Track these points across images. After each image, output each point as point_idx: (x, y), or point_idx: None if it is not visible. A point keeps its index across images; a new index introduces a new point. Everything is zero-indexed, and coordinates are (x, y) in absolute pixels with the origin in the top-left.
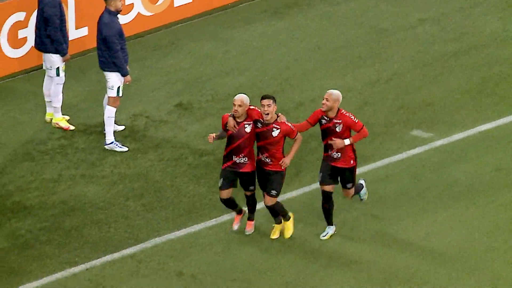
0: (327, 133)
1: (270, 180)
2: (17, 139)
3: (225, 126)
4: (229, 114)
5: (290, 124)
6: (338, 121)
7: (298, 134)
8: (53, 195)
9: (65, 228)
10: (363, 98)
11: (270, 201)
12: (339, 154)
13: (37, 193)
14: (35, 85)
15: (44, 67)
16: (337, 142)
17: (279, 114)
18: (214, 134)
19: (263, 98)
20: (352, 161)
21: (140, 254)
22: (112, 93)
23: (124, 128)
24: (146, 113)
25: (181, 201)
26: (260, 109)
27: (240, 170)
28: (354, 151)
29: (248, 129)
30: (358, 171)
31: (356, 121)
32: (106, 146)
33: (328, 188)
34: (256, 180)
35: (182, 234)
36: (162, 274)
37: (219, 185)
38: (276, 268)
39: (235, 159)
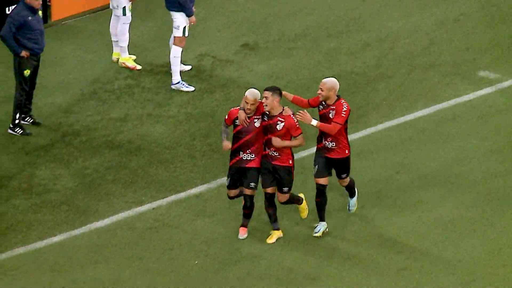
0: (322, 119)
1: (279, 176)
2: (84, 79)
3: (233, 121)
4: (238, 108)
5: (295, 119)
6: (333, 107)
7: (302, 136)
8: (120, 134)
9: (132, 168)
10: (430, 39)
11: (283, 198)
12: (334, 143)
13: (104, 133)
14: (102, 24)
15: (110, 7)
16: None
17: (285, 107)
18: (227, 142)
19: (264, 90)
20: (346, 151)
21: (206, 194)
22: (178, 33)
23: (191, 68)
24: (212, 53)
25: None
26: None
27: (246, 166)
28: (347, 139)
29: (257, 123)
30: (429, 110)
31: (343, 115)
32: (172, 86)
33: (322, 181)
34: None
35: None
36: (227, 213)
37: (227, 183)
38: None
39: (242, 155)
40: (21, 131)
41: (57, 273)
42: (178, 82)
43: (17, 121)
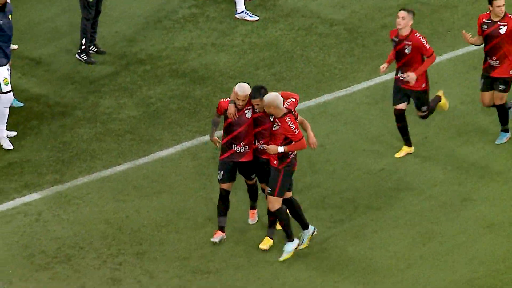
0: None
1: (269, 172)
2: (148, 8)
3: (224, 112)
4: (227, 100)
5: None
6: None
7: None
8: (184, 63)
9: (195, 97)
10: None
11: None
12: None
13: (168, 62)
14: None
15: None
16: (270, 148)
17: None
18: (215, 137)
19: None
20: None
21: None
22: None
23: None
24: None
25: (311, 70)
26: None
27: (240, 160)
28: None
29: (248, 114)
30: None
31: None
32: (236, 15)
33: (400, 106)
34: None
35: (312, 104)
36: None
37: (219, 177)
38: None
39: (235, 148)
40: (86, 58)
41: (121, 202)
42: (242, 11)
43: (83, 47)
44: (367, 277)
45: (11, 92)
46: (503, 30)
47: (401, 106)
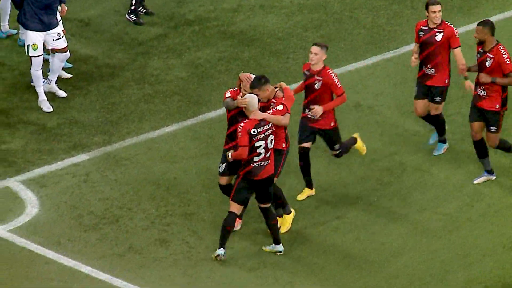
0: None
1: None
2: None
3: (231, 119)
4: (233, 90)
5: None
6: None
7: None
8: (232, 25)
9: (244, 59)
10: None
11: None
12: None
13: (216, 23)
14: None
15: None
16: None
17: (278, 87)
18: None
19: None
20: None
21: None
22: None
23: None
24: None
25: (359, 32)
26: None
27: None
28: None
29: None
30: None
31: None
32: None
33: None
34: None
35: (360, 65)
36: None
37: (220, 170)
38: None
39: None
40: (135, 18)
41: (169, 163)
42: None
43: (133, 7)
44: (416, 238)
45: (41, 57)
46: (439, 37)
47: (307, 144)
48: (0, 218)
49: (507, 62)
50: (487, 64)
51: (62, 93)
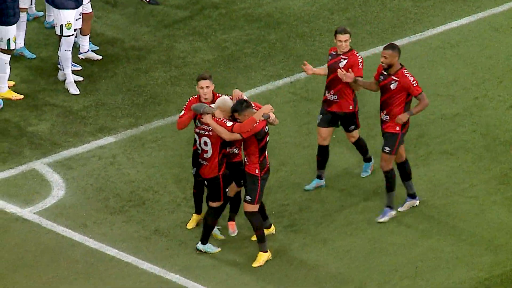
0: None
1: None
2: None
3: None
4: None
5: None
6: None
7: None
8: (259, 8)
9: (270, 41)
10: None
11: (246, 207)
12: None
13: (243, 6)
14: None
15: None
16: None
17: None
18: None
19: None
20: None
21: None
22: None
23: None
24: None
25: (386, 15)
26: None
27: (233, 160)
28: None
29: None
30: None
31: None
32: None
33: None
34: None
35: None
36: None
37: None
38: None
39: (228, 149)
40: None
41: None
42: None
43: None
44: (442, 221)
45: (73, 36)
46: (342, 64)
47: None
48: (27, 200)
49: (415, 85)
50: (392, 87)
51: (79, 77)
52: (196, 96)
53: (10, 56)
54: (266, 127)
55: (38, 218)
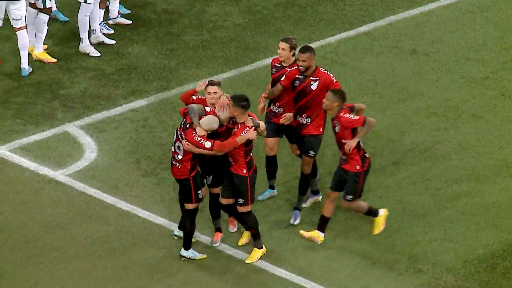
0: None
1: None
2: None
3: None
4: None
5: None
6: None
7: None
8: None
9: (301, 5)
10: None
11: (239, 209)
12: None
13: None
14: None
15: None
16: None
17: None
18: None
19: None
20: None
21: (374, 32)
22: None
23: None
24: None
25: None
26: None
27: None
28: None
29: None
30: None
31: None
32: None
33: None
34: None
35: (416, 12)
36: (396, 52)
37: (208, 182)
38: None
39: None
40: None
41: None
42: None
43: None
44: (471, 183)
45: (91, 4)
46: (314, 86)
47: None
48: (59, 162)
49: (335, 81)
50: (313, 87)
51: (110, 41)
52: (202, 98)
53: (48, 16)
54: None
55: (70, 181)
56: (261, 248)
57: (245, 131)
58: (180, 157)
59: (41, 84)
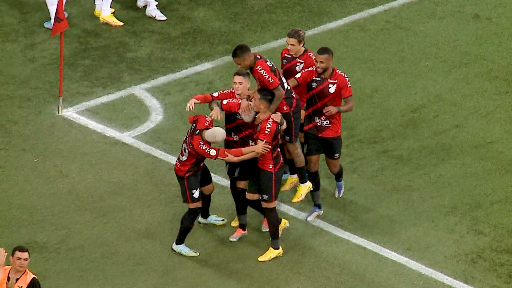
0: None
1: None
2: None
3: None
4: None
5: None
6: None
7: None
8: None
9: None
10: None
11: (263, 205)
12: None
13: None
14: None
15: None
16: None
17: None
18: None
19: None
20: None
21: None
22: None
23: None
24: None
25: None
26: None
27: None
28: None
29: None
30: None
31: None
32: None
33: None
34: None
35: None
36: (458, 16)
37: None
38: None
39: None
40: None
41: None
42: None
43: None
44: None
45: None
46: (299, 67)
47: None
48: (126, 124)
49: (349, 85)
50: (331, 90)
51: (161, 17)
52: (231, 91)
53: None
54: (280, 127)
55: (136, 142)
56: (278, 249)
57: (268, 124)
58: (184, 158)
59: (108, 47)
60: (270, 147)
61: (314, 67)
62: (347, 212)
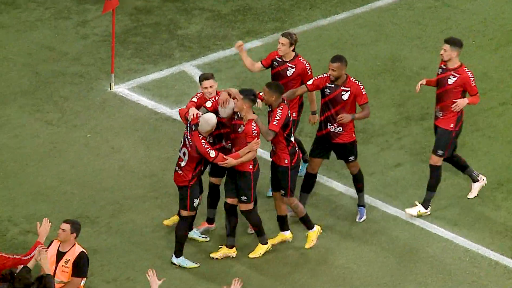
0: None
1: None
2: None
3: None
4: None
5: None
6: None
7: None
8: None
9: None
10: None
11: (242, 207)
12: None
13: None
14: None
15: None
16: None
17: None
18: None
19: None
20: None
21: None
22: None
23: None
24: None
25: None
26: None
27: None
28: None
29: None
30: None
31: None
32: None
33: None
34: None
35: None
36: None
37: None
38: None
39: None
40: None
41: (339, 50)
42: None
43: None
44: None
45: None
46: (290, 72)
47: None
48: (176, 101)
49: (364, 93)
50: (344, 97)
51: None
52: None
53: None
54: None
55: None
56: (266, 244)
57: (253, 127)
58: (183, 164)
59: (159, 25)
60: (260, 142)
61: (327, 73)
62: (394, 188)
